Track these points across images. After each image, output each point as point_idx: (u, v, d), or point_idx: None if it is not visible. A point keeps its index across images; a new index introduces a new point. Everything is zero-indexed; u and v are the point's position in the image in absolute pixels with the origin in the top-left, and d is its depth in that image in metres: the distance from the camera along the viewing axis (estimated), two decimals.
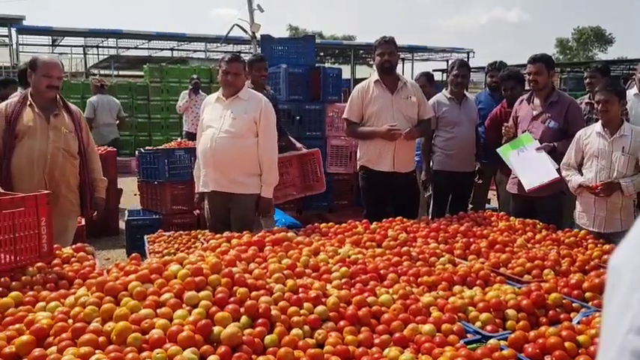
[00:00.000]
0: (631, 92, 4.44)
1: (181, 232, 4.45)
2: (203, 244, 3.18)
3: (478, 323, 2.09)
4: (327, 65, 24.35)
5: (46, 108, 3.42)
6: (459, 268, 2.61)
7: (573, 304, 2.29)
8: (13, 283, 2.36)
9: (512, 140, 4.00)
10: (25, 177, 3.32)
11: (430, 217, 4.61)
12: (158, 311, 1.82)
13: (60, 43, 21.31)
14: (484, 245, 3.05)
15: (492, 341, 1.91)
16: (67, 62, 19.94)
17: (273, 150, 3.85)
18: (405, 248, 2.91)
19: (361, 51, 25.86)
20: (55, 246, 2.76)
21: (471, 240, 3.17)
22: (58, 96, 3.52)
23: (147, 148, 5.89)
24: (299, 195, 4.80)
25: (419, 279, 2.48)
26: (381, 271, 2.50)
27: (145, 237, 4.21)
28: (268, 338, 1.78)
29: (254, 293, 1.97)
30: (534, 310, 2.17)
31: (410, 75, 19.48)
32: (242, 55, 4.22)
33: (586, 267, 2.78)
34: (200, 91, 9.27)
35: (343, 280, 2.28)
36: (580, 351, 1.85)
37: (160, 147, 6.48)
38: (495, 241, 3.09)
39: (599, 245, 3.18)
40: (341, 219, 4.07)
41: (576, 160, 3.58)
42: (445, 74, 24.30)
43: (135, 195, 7.64)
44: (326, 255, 2.60)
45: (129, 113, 12.64)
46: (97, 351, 1.63)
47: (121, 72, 21.99)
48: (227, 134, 3.68)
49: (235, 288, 1.98)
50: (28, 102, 3.38)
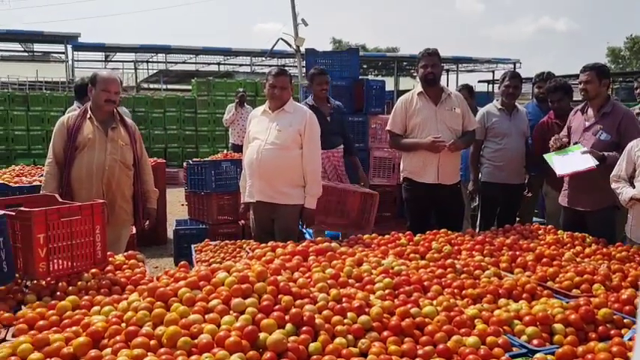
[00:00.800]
0: None
1: (227, 242, 4.55)
2: (248, 254, 3.25)
3: (524, 337, 2.06)
4: (371, 77, 24.40)
5: (105, 121, 3.59)
6: (505, 281, 2.58)
7: (624, 320, 2.21)
8: (70, 288, 2.48)
9: (560, 149, 3.91)
10: (84, 187, 3.48)
11: (477, 229, 4.56)
12: (206, 317, 1.88)
13: (112, 59, 22.18)
14: (531, 259, 2.99)
15: (539, 355, 1.88)
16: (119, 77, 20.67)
17: (317, 162, 3.91)
18: (450, 260, 2.89)
19: (405, 63, 25.83)
20: (109, 253, 2.88)
21: (517, 253, 3.12)
22: (115, 110, 3.69)
23: (194, 160, 6.05)
24: (345, 230, 4.75)
25: (463, 291, 2.46)
26: (425, 283, 2.49)
27: (192, 246, 4.33)
28: (312, 346, 1.80)
29: (298, 301, 2.01)
30: (583, 325, 2.12)
31: (454, 86, 19.29)
32: (287, 69, 4.32)
33: (639, 282, 2.69)
34: (245, 104, 9.46)
35: (387, 291, 2.29)
36: None
37: (207, 159, 6.64)
38: (542, 255, 3.03)
39: None
40: (383, 231, 4.07)
41: (627, 172, 3.47)
42: (491, 85, 23.93)
43: (182, 205, 7.86)
44: (369, 266, 2.61)
45: (177, 126, 13.03)
46: (149, 353, 1.70)
47: (170, 86, 22.64)
48: (272, 146, 3.76)
49: (280, 296, 2.02)
50: (88, 115, 3.55)
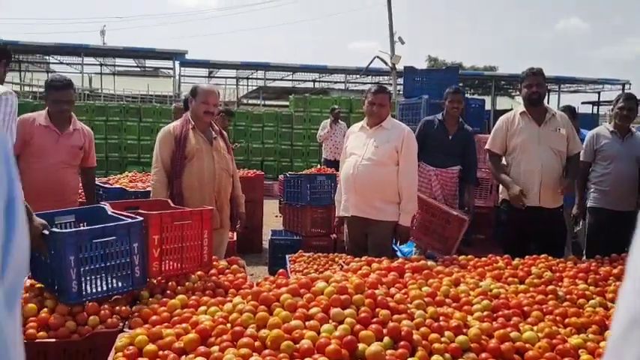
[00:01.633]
0: None
1: (320, 254, 4.64)
2: (342, 267, 3.31)
3: None
4: (467, 96, 23.86)
5: (205, 132, 3.76)
6: (612, 313, 2.44)
7: None
8: (179, 288, 2.66)
9: None
10: (196, 195, 3.64)
11: (584, 256, 4.33)
12: (307, 323, 1.96)
13: (215, 75, 23.40)
14: None
15: None
16: (222, 92, 21.75)
17: (413, 179, 3.91)
18: (551, 287, 2.78)
19: (503, 82, 25.06)
20: (214, 257, 3.05)
21: None
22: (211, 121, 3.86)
23: (291, 173, 6.24)
24: (434, 249, 4.70)
25: (566, 319, 2.36)
26: (525, 308, 2.42)
27: (287, 256, 4.46)
28: None
29: (395, 316, 2.03)
30: None
31: (556, 107, 18.42)
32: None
33: None
34: (340, 121, 9.63)
35: (485, 313, 2.25)
36: None
37: (303, 172, 6.82)
38: None
39: None
40: (478, 253, 3.98)
41: None
42: (595, 107, 22.60)
43: (276, 216, 8.11)
44: (467, 286, 2.58)
45: (274, 140, 13.48)
46: (254, 354, 1.80)
47: (268, 102, 23.48)
48: (369, 162, 3.81)
49: (378, 309, 2.06)
50: (191, 125, 3.71)
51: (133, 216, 2.68)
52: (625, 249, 4.51)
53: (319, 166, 8.80)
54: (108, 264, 2.48)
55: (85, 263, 2.40)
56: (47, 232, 2.39)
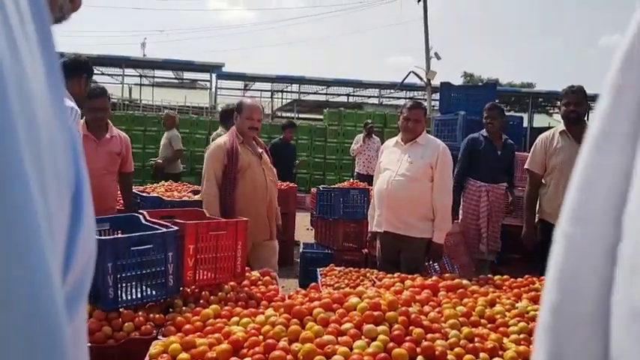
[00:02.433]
0: None
1: (351, 269, 4.62)
2: (374, 283, 3.28)
3: None
4: (508, 114, 23.53)
5: (252, 146, 3.85)
6: None
7: None
8: (212, 297, 2.68)
9: None
10: (250, 207, 3.69)
11: None
12: (339, 339, 1.94)
13: (251, 88, 23.73)
14: None
15: None
16: None
17: (448, 196, 3.87)
18: None
19: (540, 99, 24.65)
20: (247, 268, 3.07)
21: None
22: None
23: (324, 187, 6.24)
24: (457, 264, 4.66)
25: None
26: None
27: (318, 270, 4.45)
28: None
29: (429, 335, 2.00)
30: None
31: None
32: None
33: None
34: (373, 136, 9.62)
35: (521, 336, 2.20)
36: None
37: (335, 186, 6.82)
38: None
39: None
40: (513, 273, 3.90)
41: None
42: None
43: (307, 229, 8.11)
44: (502, 307, 2.52)
45: (307, 153, 13.55)
46: None
47: (302, 115, 23.64)
48: (403, 177, 3.79)
49: (411, 328, 2.03)
50: (240, 140, 3.78)
51: (168, 225, 2.72)
52: None
53: (352, 180, 8.80)
54: (143, 272, 2.52)
55: (122, 270, 2.45)
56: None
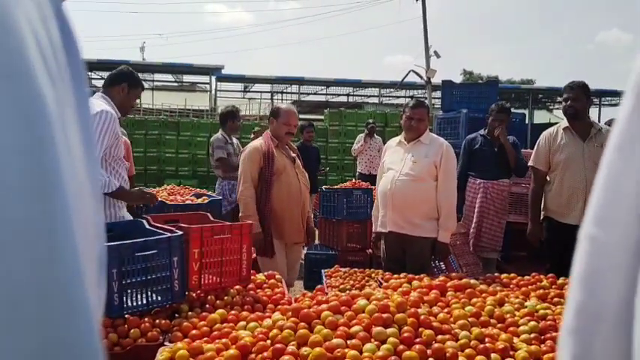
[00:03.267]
0: None
1: (356, 270, 4.60)
2: (381, 284, 3.25)
3: None
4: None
5: (286, 150, 3.94)
6: None
7: None
8: (218, 302, 2.66)
9: None
10: (285, 210, 3.80)
11: None
12: (348, 342, 1.92)
13: (250, 89, 23.72)
14: None
15: None
16: (257, 106, 21.99)
17: (452, 195, 3.85)
18: None
19: (540, 95, 24.61)
20: (252, 271, 3.05)
21: None
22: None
23: (327, 187, 6.22)
24: (463, 263, 4.64)
25: None
26: None
27: (323, 271, 4.42)
28: None
29: (439, 337, 1.98)
30: None
31: (597, 120, 17.97)
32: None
33: None
34: (375, 135, 9.59)
35: (532, 335, 2.17)
36: None
37: (338, 186, 6.79)
38: None
39: None
40: (519, 271, 3.88)
41: None
42: None
43: None
44: (512, 307, 2.50)
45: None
46: None
47: (302, 115, 23.57)
48: (407, 177, 3.76)
49: (421, 329, 2.01)
50: (276, 144, 3.85)
51: (173, 229, 2.70)
52: None
53: (354, 180, 8.77)
54: (148, 277, 2.50)
55: (127, 276, 2.43)
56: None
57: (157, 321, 2.43)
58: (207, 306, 2.61)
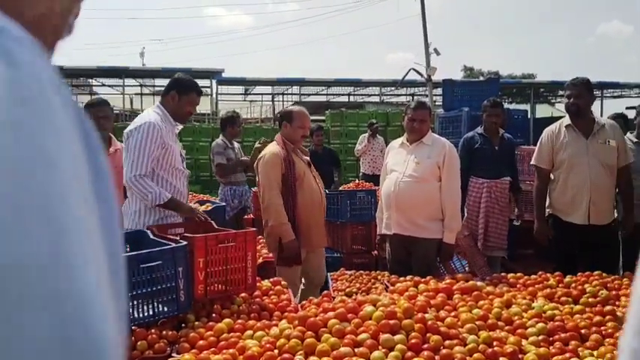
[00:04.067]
0: None
1: (362, 272, 4.59)
2: (387, 287, 3.24)
3: None
4: (512, 107, 23.47)
5: (299, 154, 3.87)
6: None
7: None
8: (224, 311, 2.66)
9: None
10: (311, 216, 3.77)
11: (622, 271, 4.15)
12: (356, 350, 1.91)
13: (252, 92, 23.71)
14: None
15: None
16: (258, 109, 22.00)
17: (456, 195, 3.83)
18: (608, 307, 2.65)
19: (542, 89, 24.54)
20: (257, 278, 3.04)
21: None
22: None
23: (331, 190, 6.20)
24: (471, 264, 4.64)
25: None
26: (582, 331, 2.31)
27: (329, 274, 4.41)
28: None
29: (447, 342, 1.97)
30: None
31: (599, 113, 17.90)
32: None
33: None
34: (377, 136, 9.58)
35: (540, 337, 2.16)
36: None
37: (342, 188, 6.78)
38: None
39: None
40: (525, 269, 3.87)
41: None
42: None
43: None
44: (519, 308, 2.49)
45: None
46: None
47: None
48: (410, 178, 3.75)
49: (428, 335, 2.00)
50: (292, 148, 3.77)
51: (177, 239, 2.70)
52: None
53: (357, 181, 8.76)
54: (154, 288, 2.50)
55: (132, 288, 2.43)
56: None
57: (164, 332, 2.42)
58: (213, 315, 2.61)
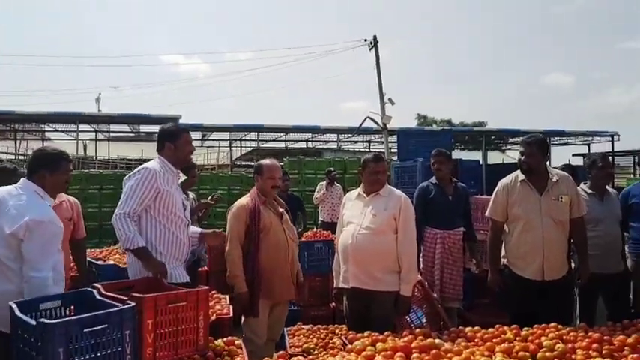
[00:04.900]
0: None
1: (319, 326, 4.50)
2: (345, 345, 3.16)
3: None
4: (458, 152, 24.07)
5: (272, 205, 3.96)
6: None
7: None
8: None
9: None
10: (275, 267, 3.81)
11: (578, 321, 4.21)
12: None
13: (209, 138, 23.62)
14: None
15: None
16: (215, 155, 21.87)
17: (412, 247, 3.84)
18: None
19: (493, 137, 25.44)
20: (210, 338, 2.91)
21: None
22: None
23: None
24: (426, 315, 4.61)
25: None
26: None
27: (285, 329, 4.29)
28: None
29: None
30: None
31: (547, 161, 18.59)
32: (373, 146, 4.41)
33: None
34: (335, 183, 9.63)
35: None
36: None
37: (301, 239, 6.71)
38: None
39: None
40: (482, 319, 3.87)
41: None
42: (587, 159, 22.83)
43: None
44: None
45: None
46: None
47: None
48: (367, 230, 3.74)
49: None
50: (262, 200, 3.88)
51: (125, 299, 2.57)
52: (620, 312, 4.36)
53: (315, 230, 8.70)
54: (98, 354, 2.35)
55: (75, 354, 2.27)
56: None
57: None
58: None
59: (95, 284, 2.94)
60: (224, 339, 3.09)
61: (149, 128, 23.81)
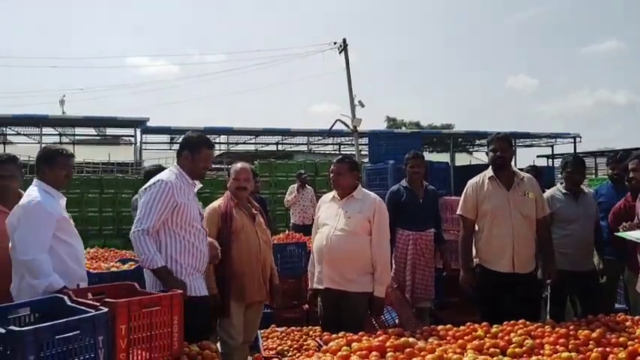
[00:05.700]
0: None
1: (293, 328, 4.51)
2: (320, 346, 3.18)
3: None
4: (433, 156, 24.34)
5: (246, 207, 3.97)
6: None
7: None
8: None
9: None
10: (246, 268, 3.80)
11: (548, 317, 4.32)
12: None
13: (177, 141, 23.30)
14: (623, 356, 2.77)
15: None
16: None
17: (386, 249, 3.89)
18: (535, 358, 2.72)
19: (460, 139, 25.85)
20: (185, 343, 2.89)
21: (607, 350, 2.90)
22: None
23: None
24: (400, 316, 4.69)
25: None
26: None
27: (259, 332, 4.29)
28: None
29: None
30: None
31: (513, 162, 19.02)
32: (345, 149, 4.45)
33: None
34: (307, 186, 9.64)
35: None
36: None
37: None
38: (636, 352, 2.80)
39: None
40: (453, 318, 3.94)
41: None
42: (551, 160, 23.44)
43: None
44: None
45: None
46: None
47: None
48: (342, 232, 3.78)
49: None
50: (235, 202, 3.90)
51: (97, 305, 2.53)
52: (596, 308, 4.52)
53: (287, 232, 8.70)
54: None
55: None
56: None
57: None
58: None
59: (66, 290, 2.90)
60: (198, 343, 3.08)
61: (116, 131, 23.44)
